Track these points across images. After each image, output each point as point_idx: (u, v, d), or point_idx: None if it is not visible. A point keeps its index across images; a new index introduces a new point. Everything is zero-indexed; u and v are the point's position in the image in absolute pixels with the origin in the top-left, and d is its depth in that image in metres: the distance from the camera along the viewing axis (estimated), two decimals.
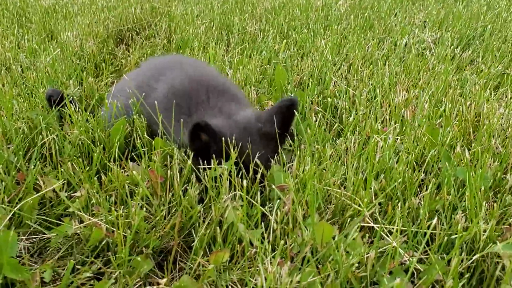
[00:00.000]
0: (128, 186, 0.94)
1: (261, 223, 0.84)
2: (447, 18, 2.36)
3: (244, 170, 0.94)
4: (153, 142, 1.04)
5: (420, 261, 0.81)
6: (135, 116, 1.10)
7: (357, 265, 0.74)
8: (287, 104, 1.03)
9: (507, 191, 0.96)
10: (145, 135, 1.09)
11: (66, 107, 1.17)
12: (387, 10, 2.46)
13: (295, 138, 1.12)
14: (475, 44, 1.98)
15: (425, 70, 1.64)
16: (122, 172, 0.97)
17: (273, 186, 0.86)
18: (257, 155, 0.96)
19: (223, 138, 0.93)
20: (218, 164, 0.92)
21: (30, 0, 2.54)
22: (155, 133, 1.12)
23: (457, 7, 2.59)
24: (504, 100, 1.42)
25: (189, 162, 0.95)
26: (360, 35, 2.01)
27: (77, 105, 1.23)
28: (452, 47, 1.85)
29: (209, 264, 0.76)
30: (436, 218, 0.76)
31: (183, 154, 1.03)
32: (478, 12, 2.42)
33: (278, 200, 0.87)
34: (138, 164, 1.01)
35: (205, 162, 0.95)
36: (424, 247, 0.81)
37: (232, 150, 0.92)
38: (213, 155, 0.93)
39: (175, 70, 1.20)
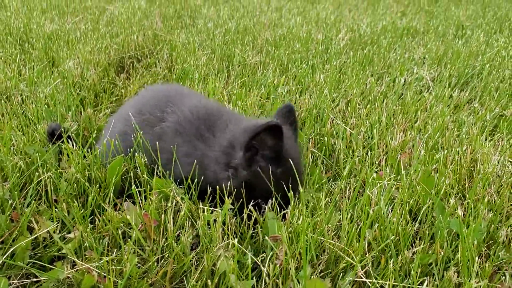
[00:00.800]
0: (121, 228, 0.95)
1: (252, 272, 0.83)
2: (446, 54, 2.38)
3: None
4: (153, 182, 1.02)
5: None
6: (137, 154, 1.08)
7: None
8: (286, 109, 1.09)
9: (501, 245, 0.96)
10: (145, 175, 1.06)
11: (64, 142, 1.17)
12: (387, 45, 2.48)
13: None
14: (473, 82, 1.99)
15: (423, 111, 1.65)
16: (117, 213, 0.97)
17: (266, 238, 0.86)
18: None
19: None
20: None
21: (33, 26, 2.56)
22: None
23: (456, 44, 2.62)
24: (500, 144, 1.42)
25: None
26: (359, 71, 2.02)
27: (75, 142, 1.22)
28: (450, 88, 1.87)
29: None
30: (428, 279, 0.76)
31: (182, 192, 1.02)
32: (477, 50, 2.44)
33: (271, 251, 0.86)
34: (134, 203, 1.01)
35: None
36: None
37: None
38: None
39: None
